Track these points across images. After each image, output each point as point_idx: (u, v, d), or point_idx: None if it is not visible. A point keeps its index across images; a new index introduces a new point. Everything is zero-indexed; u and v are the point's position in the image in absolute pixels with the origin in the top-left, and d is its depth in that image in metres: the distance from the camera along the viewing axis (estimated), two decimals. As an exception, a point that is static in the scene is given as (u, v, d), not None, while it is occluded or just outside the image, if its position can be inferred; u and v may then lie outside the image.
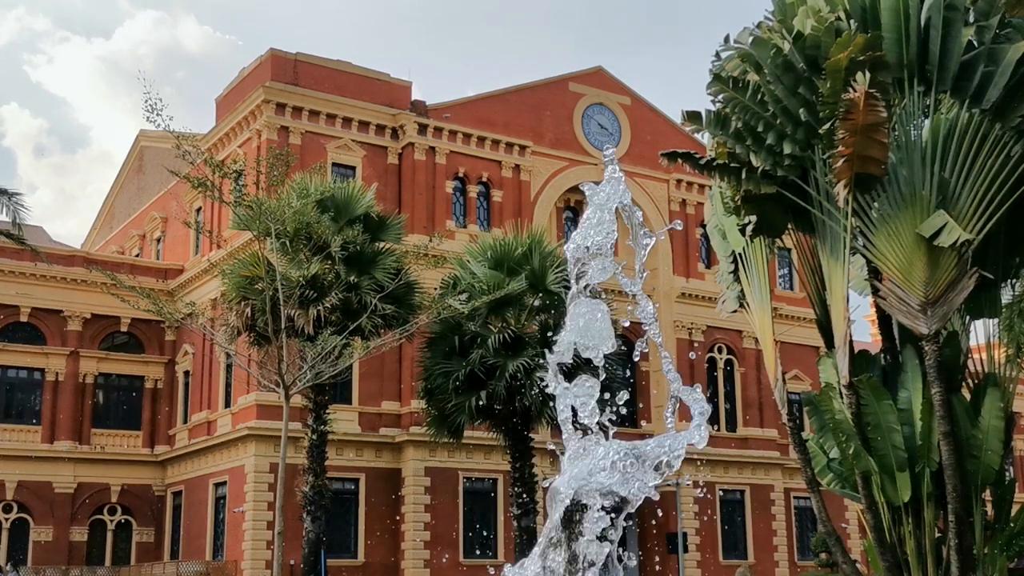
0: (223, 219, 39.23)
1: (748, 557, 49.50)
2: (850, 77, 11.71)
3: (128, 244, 54.60)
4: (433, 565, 41.01)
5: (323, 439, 30.34)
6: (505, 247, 32.22)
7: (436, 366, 31.52)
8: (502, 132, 46.49)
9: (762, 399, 51.38)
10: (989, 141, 12.14)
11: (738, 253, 14.49)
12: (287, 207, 27.35)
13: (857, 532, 48.98)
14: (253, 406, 40.04)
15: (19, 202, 30.42)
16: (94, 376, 45.93)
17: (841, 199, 12.31)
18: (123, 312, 43.48)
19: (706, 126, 13.22)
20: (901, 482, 12.59)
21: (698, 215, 49.76)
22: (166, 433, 47.06)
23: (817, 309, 14.03)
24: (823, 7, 12.65)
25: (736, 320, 27.81)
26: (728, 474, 50.18)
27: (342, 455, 39.33)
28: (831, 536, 14.32)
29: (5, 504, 43.43)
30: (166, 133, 26.02)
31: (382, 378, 42.38)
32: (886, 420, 12.60)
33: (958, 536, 12.05)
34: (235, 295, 29.78)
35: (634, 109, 50.69)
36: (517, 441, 31.74)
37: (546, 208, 47.31)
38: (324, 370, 26.74)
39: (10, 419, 44.43)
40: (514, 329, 30.75)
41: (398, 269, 30.53)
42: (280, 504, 26.33)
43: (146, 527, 46.12)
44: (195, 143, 27.24)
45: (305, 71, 43.19)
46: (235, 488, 40.99)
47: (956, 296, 12.09)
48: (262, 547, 38.70)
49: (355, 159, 43.56)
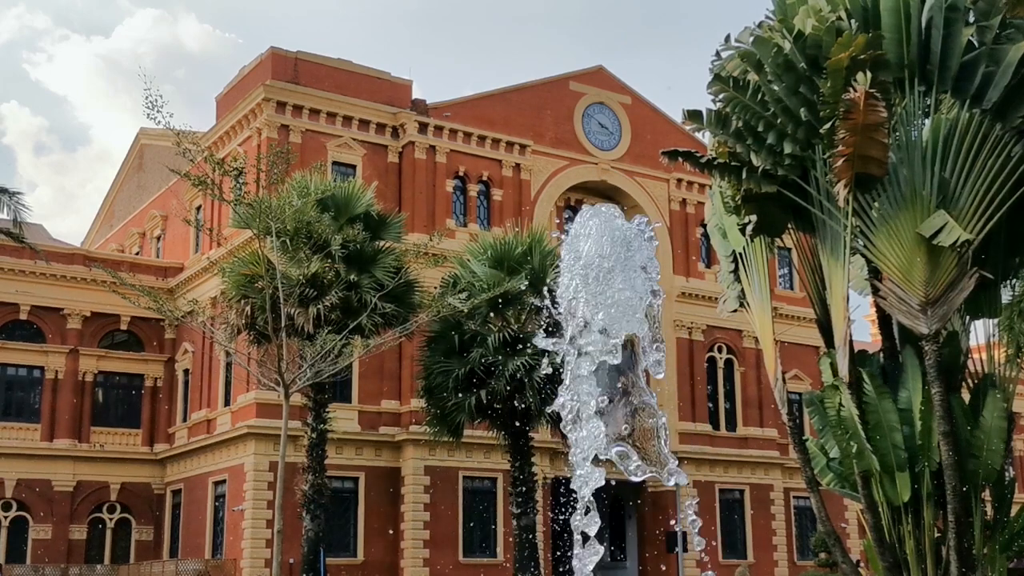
0: (223, 217, 39.22)
1: (747, 556, 49.51)
2: (851, 77, 11.70)
3: (128, 242, 54.61)
4: (432, 564, 41.03)
5: (323, 438, 30.34)
6: (505, 246, 32.25)
7: (436, 365, 31.53)
8: (502, 131, 46.48)
9: (762, 399, 51.38)
10: (990, 141, 12.14)
11: (738, 252, 14.47)
12: (287, 205, 27.35)
13: (857, 532, 49.00)
14: (253, 404, 40.04)
15: (19, 200, 30.49)
16: (94, 374, 45.93)
17: (841, 199, 12.31)
18: (123, 310, 43.55)
19: (706, 125, 13.20)
20: (901, 482, 12.59)
21: (698, 214, 49.78)
22: (165, 431, 47.06)
23: (817, 309, 14.01)
24: (824, 7, 12.64)
25: (736, 320, 27.85)
26: (728, 473, 50.19)
27: (342, 454, 39.34)
28: (830, 536, 14.31)
29: (4, 502, 43.44)
30: (166, 131, 26.01)
31: (382, 377, 42.38)
32: (888, 419, 12.60)
33: (958, 536, 12.04)
34: (235, 293, 29.79)
35: (634, 108, 50.68)
36: (517, 440, 31.75)
37: (546, 207, 47.31)
38: (324, 369, 26.76)
39: (9, 417, 44.44)
40: (514, 328, 30.76)
41: (398, 268, 30.55)
42: (279, 503, 26.36)
43: (145, 525, 46.14)
44: (195, 140, 27.18)
45: (305, 70, 43.18)
46: (234, 486, 41.00)
47: (956, 296, 12.08)
48: (261, 546, 38.71)
49: (355, 158, 43.55)
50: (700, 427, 49.63)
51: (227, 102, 45.48)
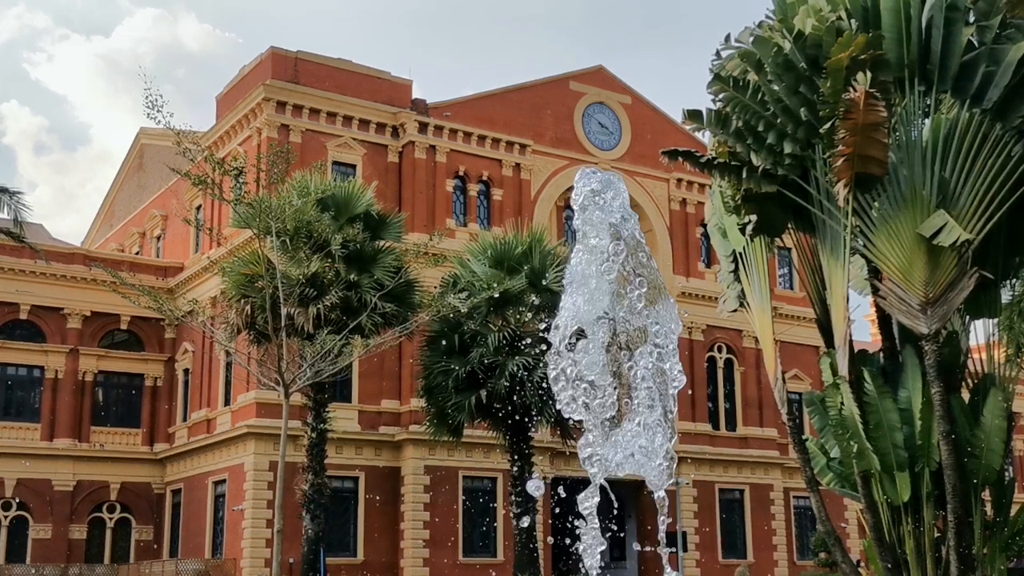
0: (223, 217, 39.22)
1: (747, 556, 49.51)
2: (851, 77, 11.71)
3: (128, 242, 54.60)
4: (432, 564, 41.02)
5: (322, 437, 30.33)
6: (505, 246, 32.25)
7: (436, 364, 31.53)
8: (503, 131, 46.48)
9: (762, 398, 51.38)
10: (989, 141, 12.14)
11: (738, 252, 14.48)
12: (287, 205, 27.35)
13: (856, 532, 49.01)
14: (253, 404, 40.04)
15: (20, 200, 30.50)
16: (94, 374, 45.92)
17: (841, 199, 12.31)
18: (123, 310, 43.56)
19: (707, 125, 13.20)
20: (901, 482, 12.59)
21: (698, 214, 49.78)
22: (165, 431, 47.06)
23: (817, 308, 14.01)
24: (824, 7, 12.64)
25: (736, 319, 27.85)
26: (728, 473, 50.19)
27: (341, 453, 39.34)
28: (830, 536, 14.32)
29: (4, 502, 43.42)
30: (166, 130, 26.02)
31: (382, 376, 42.38)
32: (889, 419, 12.60)
33: (957, 536, 12.04)
34: (235, 293, 29.78)
35: (635, 108, 50.68)
36: (517, 440, 31.75)
37: (546, 207, 47.31)
38: (324, 368, 26.76)
39: (9, 417, 44.42)
40: (514, 328, 30.75)
41: (398, 267, 30.54)
42: (279, 502, 26.36)
43: (145, 525, 46.13)
44: (195, 140, 27.18)
45: (305, 69, 43.18)
46: (234, 486, 41.00)
47: (956, 296, 12.08)
48: (261, 545, 38.70)
49: (355, 157, 43.55)
50: (700, 427, 49.63)
51: (227, 102, 45.48)
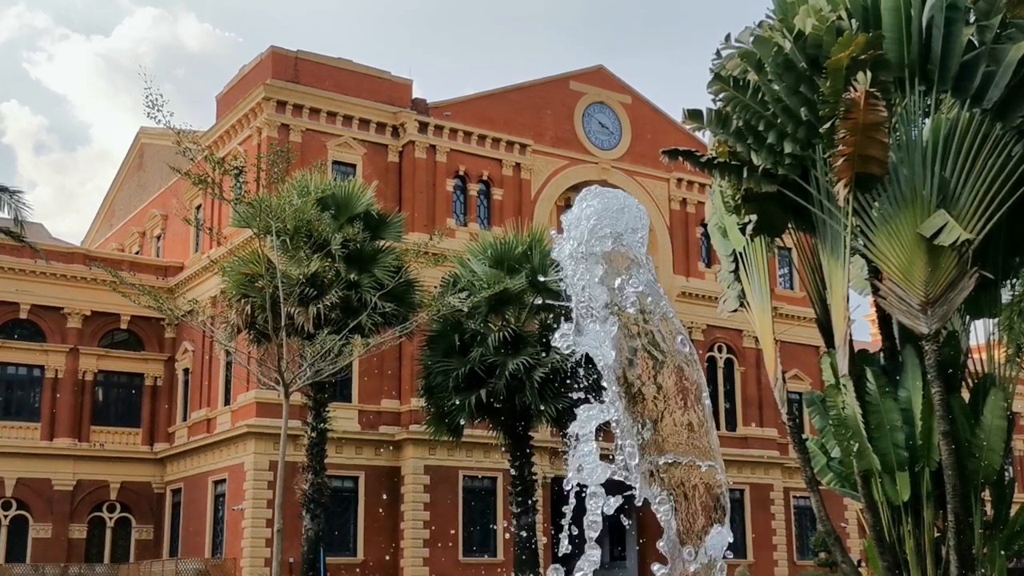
0: (223, 216, 39.22)
1: (747, 556, 49.50)
2: (851, 76, 11.71)
3: (128, 241, 54.60)
4: (432, 564, 41.02)
5: (322, 437, 30.32)
6: (505, 245, 32.23)
7: (436, 364, 31.51)
8: (503, 130, 46.48)
9: (762, 398, 51.38)
10: (990, 141, 12.14)
11: (738, 252, 14.48)
12: (287, 205, 27.35)
13: (857, 532, 48.99)
14: (253, 404, 40.04)
15: (20, 199, 30.51)
16: (94, 373, 45.92)
17: (841, 198, 12.31)
18: (123, 309, 43.56)
19: (707, 124, 13.21)
20: (901, 481, 12.59)
21: (699, 214, 49.77)
22: (165, 431, 47.06)
23: (817, 308, 14.02)
24: (824, 6, 12.64)
25: (736, 319, 27.83)
26: (728, 473, 49.99)
27: (341, 453, 39.32)
28: (830, 535, 14.32)
29: (4, 501, 43.42)
30: (166, 130, 26.00)
31: (382, 376, 42.37)
32: (890, 419, 12.60)
33: (957, 536, 12.04)
34: (235, 293, 29.77)
35: (635, 108, 50.67)
36: (517, 440, 31.74)
37: (546, 206, 47.29)
38: (324, 368, 26.75)
39: (9, 416, 44.41)
40: (514, 327, 30.75)
41: (398, 267, 30.52)
42: (279, 502, 26.35)
43: (145, 524, 46.12)
44: (195, 140, 27.17)
45: (306, 69, 43.18)
46: (234, 486, 41.00)
47: (956, 296, 12.08)
48: (261, 545, 38.70)
49: (355, 157, 43.55)
50: (700, 427, 49.59)
51: (227, 101, 45.48)
